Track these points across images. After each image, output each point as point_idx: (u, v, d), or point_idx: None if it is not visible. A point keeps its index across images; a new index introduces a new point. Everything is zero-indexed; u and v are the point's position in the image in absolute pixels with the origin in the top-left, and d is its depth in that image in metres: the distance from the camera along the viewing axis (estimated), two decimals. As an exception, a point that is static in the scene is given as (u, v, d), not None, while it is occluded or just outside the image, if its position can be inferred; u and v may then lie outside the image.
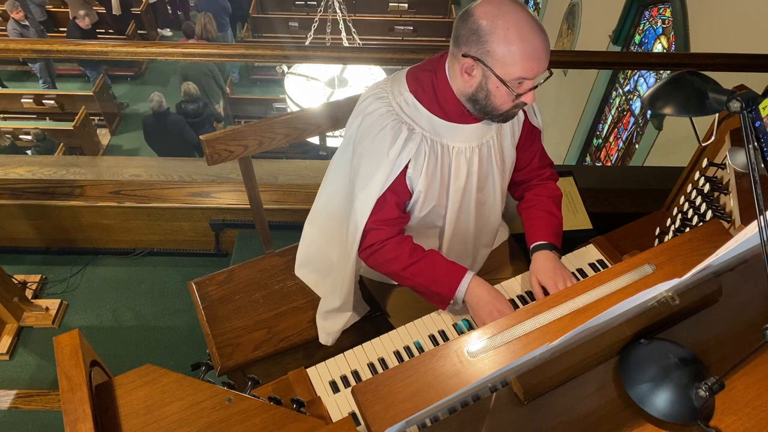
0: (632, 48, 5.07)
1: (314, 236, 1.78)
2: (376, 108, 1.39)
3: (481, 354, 1.12)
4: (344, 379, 1.41)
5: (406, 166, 1.39)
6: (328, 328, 1.71)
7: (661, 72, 4.24)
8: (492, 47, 1.22)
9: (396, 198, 1.43)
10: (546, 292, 1.47)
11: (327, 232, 1.72)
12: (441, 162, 1.42)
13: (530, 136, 1.57)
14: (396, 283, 1.71)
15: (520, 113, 1.51)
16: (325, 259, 1.75)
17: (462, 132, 1.41)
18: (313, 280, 1.85)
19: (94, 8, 7.70)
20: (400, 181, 1.41)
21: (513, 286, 1.58)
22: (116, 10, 7.83)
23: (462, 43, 1.27)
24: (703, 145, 1.55)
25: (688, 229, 1.57)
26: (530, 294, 1.56)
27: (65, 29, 7.25)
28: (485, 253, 1.72)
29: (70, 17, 7.03)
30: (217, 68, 6.57)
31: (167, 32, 8.77)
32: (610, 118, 5.51)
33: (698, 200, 1.59)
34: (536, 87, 1.29)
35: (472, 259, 1.67)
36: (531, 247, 1.55)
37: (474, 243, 1.63)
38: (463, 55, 1.27)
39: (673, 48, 4.31)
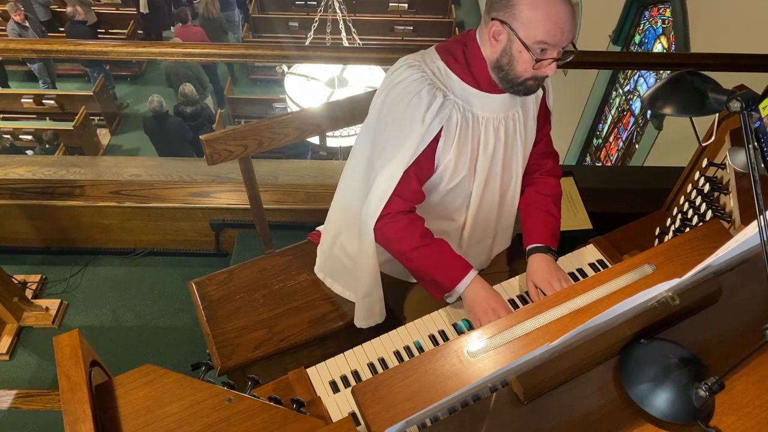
0: (632, 48, 5.07)
1: (333, 231, 1.76)
2: (408, 75, 1.39)
3: (481, 354, 1.12)
4: (344, 379, 1.41)
5: (438, 137, 1.40)
6: (363, 316, 1.68)
7: (661, 72, 4.24)
8: (518, 9, 1.27)
9: (418, 171, 1.42)
10: (544, 295, 1.47)
11: (346, 226, 1.71)
12: (471, 131, 1.43)
13: (544, 116, 1.59)
14: (406, 281, 1.72)
15: (540, 90, 1.53)
16: (344, 255, 1.74)
17: (492, 102, 1.43)
18: (332, 283, 1.86)
19: (93, 8, 7.75)
20: (428, 152, 1.41)
21: (513, 286, 1.59)
22: (143, 8, 7.88)
23: (493, 8, 1.32)
24: (703, 145, 1.55)
25: (688, 229, 1.57)
26: (529, 294, 1.56)
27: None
28: (501, 245, 1.72)
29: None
30: (205, 71, 6.64)
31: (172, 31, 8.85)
32: (610, 118, 5.51)
33: (698, 200, 1.59)
34: (559, 60, 1.32)
35: (492, 239, 1.68)
36: (527, 249, 1.56)
37: (495, 229, 1.64)
38: (492, 19, 1.32)
39: (673, 48, 4.32)
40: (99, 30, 7.85)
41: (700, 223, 1.52)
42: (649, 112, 4.50)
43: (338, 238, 1.75)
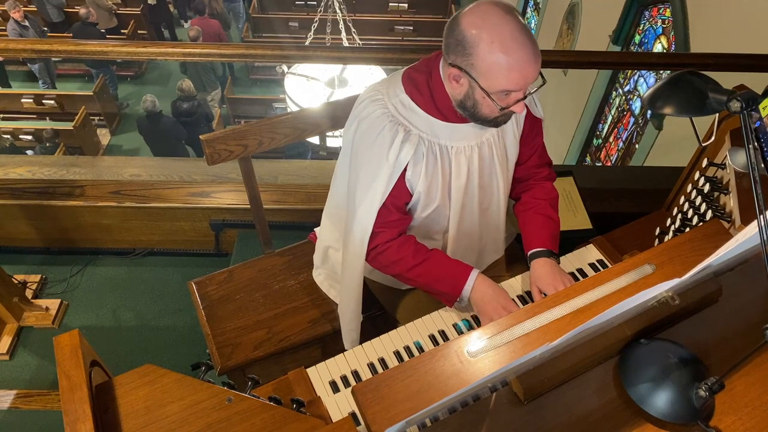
0: (632, 48, 5.07)
1: (329, 233, 1.77)
2: (371, 111, 1.38)
3: (481, 354, 1.12)
4: (344, 379, 1.41)
5: (405, 168, 1.38)
6: (349, 335, 1.69)
7: (661, 72, 4.24)
8: (476, 60, 1.22)
9: (394, 201, 1.42)
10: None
11: (334, 241, 1.72)
12: (441, 162, 1.41)
13: (533, 128, 1.55)
14: (398, 287, 1.71)
15: None
16: (337, 266, 1.75)
17: (460, 131, 1.40)
18: (328, 288, 1.85)
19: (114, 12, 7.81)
20: (399, 184, 1.40)
21: (513, 285, 1.58)
22: None
23: (450, 51, 1.27)
24: (703, 145, 1.55)
25: (688, 229, 1.57)
26: (530, 294, 1.55)
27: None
28: (492, 256, 1.72)
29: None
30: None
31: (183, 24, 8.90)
32: (610, 118, 5.51)
33: (698, 200, 1.59)
34: (526, 97, 1.28)
35: (477, 253, 1.66)
36: (529, 254, 1.55)
37: (479, 244, 1.63)
38: (450, 64, 1.27)
39: (673, 48, 4.32)
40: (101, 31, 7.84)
41: (700, 223, 1.52)
42: (649, 112, 4.51)
43: (328, 252, 1.76)
